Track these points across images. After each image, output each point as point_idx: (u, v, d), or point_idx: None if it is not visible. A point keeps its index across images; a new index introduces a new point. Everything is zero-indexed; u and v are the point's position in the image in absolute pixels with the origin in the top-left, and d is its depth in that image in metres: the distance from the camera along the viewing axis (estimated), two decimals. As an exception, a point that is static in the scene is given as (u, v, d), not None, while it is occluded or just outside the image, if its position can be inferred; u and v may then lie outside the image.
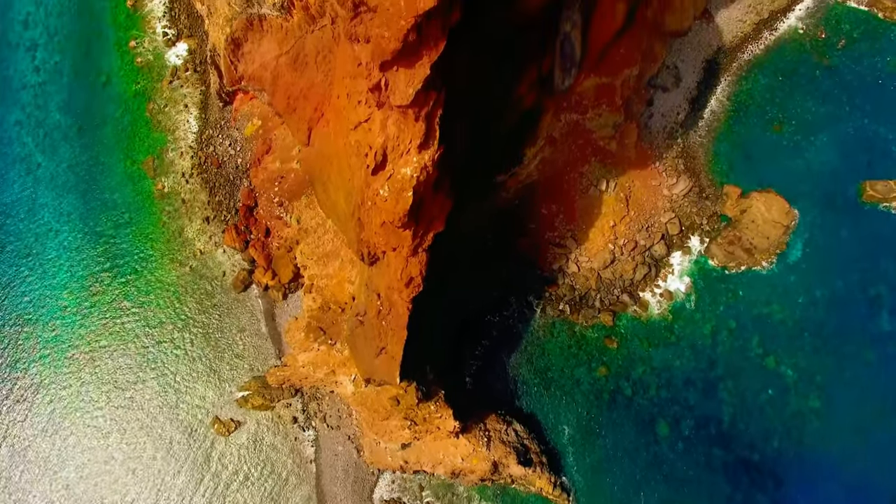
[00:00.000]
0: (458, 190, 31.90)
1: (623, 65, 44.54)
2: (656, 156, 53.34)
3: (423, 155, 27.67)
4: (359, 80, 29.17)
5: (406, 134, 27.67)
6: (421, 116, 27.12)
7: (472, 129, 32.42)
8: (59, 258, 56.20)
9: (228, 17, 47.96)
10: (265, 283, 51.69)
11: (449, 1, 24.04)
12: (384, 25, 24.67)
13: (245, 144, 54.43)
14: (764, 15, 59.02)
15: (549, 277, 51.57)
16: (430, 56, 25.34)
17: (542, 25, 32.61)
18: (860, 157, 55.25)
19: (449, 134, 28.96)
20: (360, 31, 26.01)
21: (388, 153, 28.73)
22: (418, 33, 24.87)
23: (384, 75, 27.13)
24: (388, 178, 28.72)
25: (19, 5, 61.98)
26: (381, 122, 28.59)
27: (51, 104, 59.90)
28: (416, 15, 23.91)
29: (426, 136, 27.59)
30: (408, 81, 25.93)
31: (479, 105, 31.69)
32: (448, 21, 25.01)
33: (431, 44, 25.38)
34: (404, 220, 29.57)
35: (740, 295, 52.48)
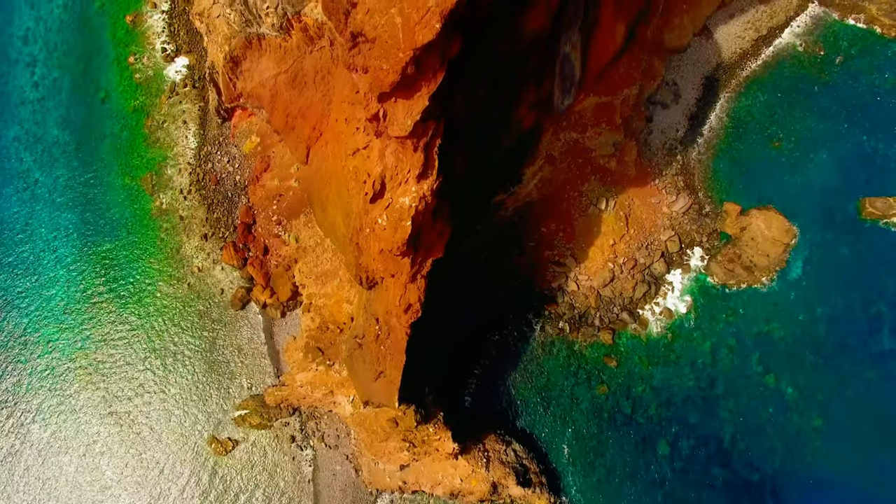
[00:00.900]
0: (457, 215, 31.74)
1: (623, 84, 44.52)
2: (656, 173, 53.27)
3: (422, 185, 27.54)
4: (357, 107, 29.07)
5: (405, 164, 27.54)
6: (420, 147, 27.00)
7: (472, 153, 32.31)
8: (56, 275, 55.96)
9: (227, 35, 47.96)
10: (263, 300, 51.45)
11: (448, 33, 23.93)
12: (382, 57, 24.58)
13: (243, 161, 54.32)
14: (762, 31, 59.09)
15: (548, 296, 51.37)
16: (428, 87, 25.24)
17: (541, 49, 32.54)
18: (859, 173, 55.23)
19: (448, 161, 28.84)
20: (358, 61, 25.92)
21: (386, 182, 28.60)
22: (417, 66, 24.78)
23: (382, 106, 27.03)
24: (387, 208, 28.57)
25: (19, 21, 61.99)
26: (380, 151, 28.47)
27: (49, 120, 59.80)
28: (415, 48, 23.82)
29: (425, 167, 27.47)
30: (406, 113, 25.82)
31: (478, 130, 31.60)
32: (447, 52, 24.92)
33: (430, 75, 25.29)
34: (403, 248, 29.40)
35: (740, 313, 52.29)
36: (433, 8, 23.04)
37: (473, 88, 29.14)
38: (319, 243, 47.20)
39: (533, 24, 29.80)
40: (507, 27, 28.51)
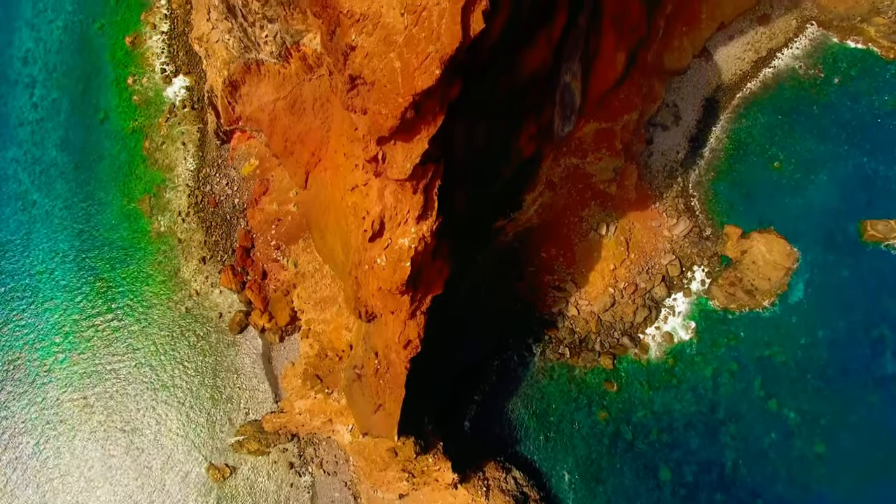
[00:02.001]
0: (457, 251, 31.46)
1: (623, 110, 44.39)
2: (656, 196, 53.07)
3: (422, 226, 27.28)
4: (356, 143, 28.86)
5: (404, 204, 27.30)
6: (419, 189, 26.78)
7: (472, 188, 32.08)
8: (54, 298, 55.60)
9: (226, 60, 47.85)
10: (262, 325, 51.09)
11: (448, 77, 23.74)
12: (381, 102, 24.37)
13: (242, 184, 54.11)
14: (762, 53, 59.11)
15: (548, 321, 51.05)
16: (428, 130, 25.03)
17: (542, 83, 32.38)
18: (860, 195, 55.06)
19: (448, 199, 28.60)
20: (356, 102, 25.71)
21: (385, 222, 28.34)
22: (416, 110, 24.57)
23: (381, 149, 26.82)
24: (386, 248, 28.30)
25: (19, 42, 61.96)
26: (379, 191, 28.24)
27: (48, 141, 59.64)
28: (415, 93, 23.61)
29: (424, 208, 27.23)
30: (405, 156, 25.60)
31: (478, 166, 31.38)
32: (447, 96, 24.72)
33: (430, 118, 25.07)
34: (402, 288, 29.11)
35: (741, 336, 51.96)
36: (433, 54, 22.86)
37: (473, 126, 28.96)
38: (318, 269, 46.89)
39: (534, 60, 29.68)
40: (507, 65, 28.35)
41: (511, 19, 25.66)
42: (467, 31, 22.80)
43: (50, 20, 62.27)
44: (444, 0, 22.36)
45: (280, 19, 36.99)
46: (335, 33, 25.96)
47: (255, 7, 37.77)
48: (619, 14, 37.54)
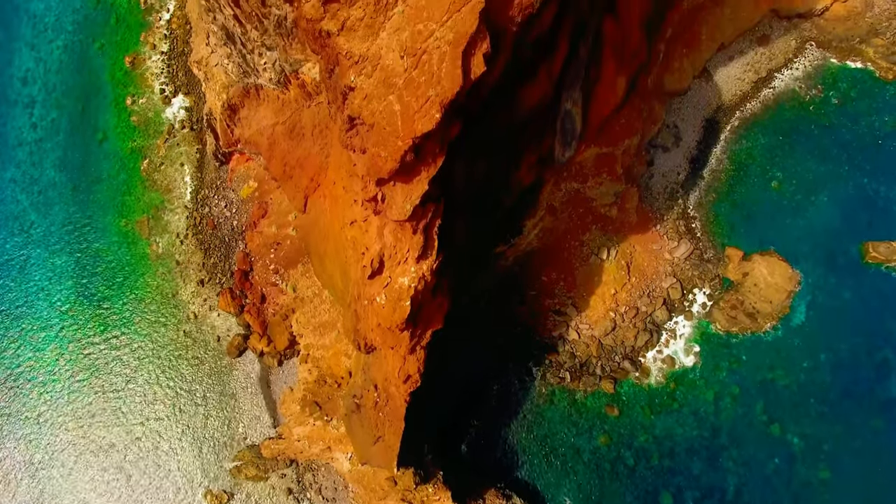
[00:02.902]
0: (457, 284, 31.14)
1: (624, 135, 44.24)
2: (657, 218, 52.83)
3: (422, 265, 26.99)
4: (354, 179, 28.60)
5: (404, 244, 27.01)
6: (419, 229, 26.49)
7: (472, 220, 31.81)
8: (50, 320, 55.20)
9: (225, 84, 47.71)
10: (260, 349, 50.67)
11: (448, 119, 23.49)
12: (381, 144, 24.12)
13: (241, 206, 53.83)
14: (762, 73, 59.05)
15: (548, 345, 50.67)
16: (428, 172, 24.78)
17: (543, 115, 32.19)
18: (861, 216, 54.85)
19: (448, 233, 28.32)
20: (355, 142, 25.48)
21: (385, 260, 28.04)
22: (416, 153, 24.33)
23: (381, 189, 26.57)
24: (386, 287, 27.99)
25: (19, 62, 61.89)
26: (378, 229, 27.96)
27: (46, 161, 59.42)
28: (414, 137, 23.37)
29: (425, 248, 26.94)
30: (405, 197, 25.34)
31: (479, 198, 31.12)
32: (447, 137, 24.48)
33: (430, 160, 24.83)
34: (402, 326, 28.78)
35: (743, 360, 51.58)
36: (433, 98, 22.64)
37: (473, 162, 28.73)
38: (317, 294, 46.55)
39: (535, 94, 29.50)
40: (507, 101, 28.16)
41: (512, 58, 25.48)
42: (468, 74, 22.60)
43: (50, 40, 62.24)
44: (444, 44, 22.16)
45: (279, 48, 36.87)
46: (334, 72, 25.78)
47: (253, 36, 37.66)
48: (619, 42, 37.44)
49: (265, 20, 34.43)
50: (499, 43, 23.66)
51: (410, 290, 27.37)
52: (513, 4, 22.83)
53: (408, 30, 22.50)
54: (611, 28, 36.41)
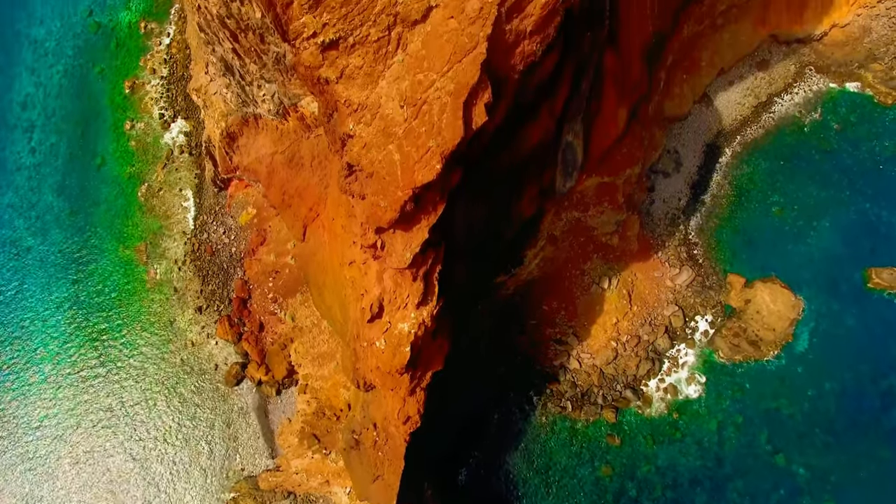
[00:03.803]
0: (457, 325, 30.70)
1: (625, 164, 44.03)
2: (659, 245, 52.49)
3: (422, 311, 26.59)
4: (353, 220, 28.26)
5: (403, 289, 26.63)
6: (419, 276, 26.13)
7: (473, 259, 31.45)
8: (46, 347, 54.64)
9: (224, 112, 47.55)
10: (258, 378, 50.10)
11: (448, 169, 23.19)
12: (380, 193, 23.80)
13: (239, 233, 53.47)
14: (762, 98, 59.01)
15: (549, 374, 50.13)
16: (428, 220, 24.45)
17: (544, 151, 31.96)
18: (863, 242, 54.52)
19: (448, 275, 27.93)
20: (354, 188, 25.17)
21: (384, 305, 27.64)
22: (416, 202, 24.01)
23: (380, 237, 26.23)
24: (385, 332, 27.57)
25: (19, 86, 61.88)
26: (378, 273, 27.59)
27: (44, 186, 59.17)
28: (414, 187, 23.06)
29: (425, 294, 26.56)
30: (405, 245, 24.98)
31: (480, 237, 30.78)
32: (447, 185, 24.18)
33: (430, 208, 24.51)
34: (401, 370, 28.33)
35: (747, 388, 51.01)
36: (433, 148, 22.36)
37: (474, 204, 28.42)
38: (316, 324, 46.07)
39: (536, 133, 29.25)
40: (509, 142, 27.90)
41: (514, 103, 25.25)
42: (469, 124, 22.32)
43: (50, 65, 62.27)
44: (444, 94, 21.91)
45: (278, 82, 36.71)
46: (332, 116, 25.53)
47: (252, 69, 37.52)
48: (620, 74, 37.33)
49: (264, 56, 34.30)
50: (500, 91, 23.43)
51: (410, 336, 26.95)
52: (514, 53, 22.63)
53: (408, 79, 22.27)
54: (612, 61, 36.30)
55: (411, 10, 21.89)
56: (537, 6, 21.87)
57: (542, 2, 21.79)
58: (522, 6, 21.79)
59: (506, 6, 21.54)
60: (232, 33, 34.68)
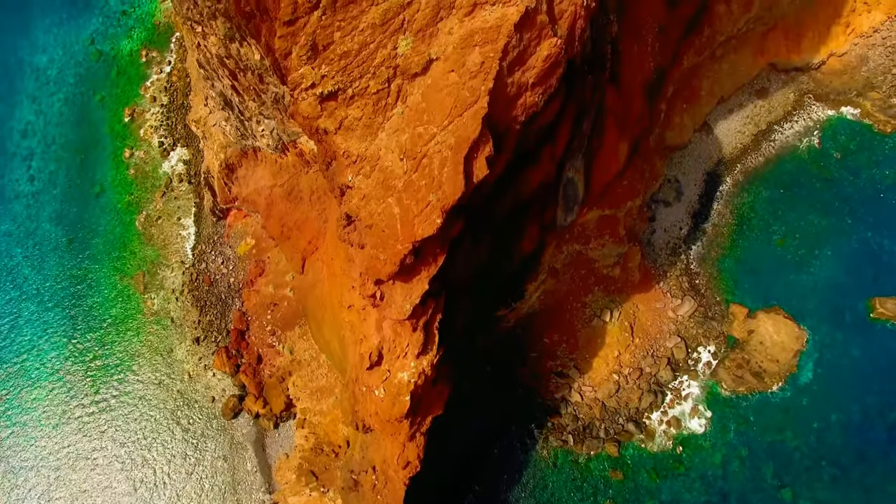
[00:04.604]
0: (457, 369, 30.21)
1: (626, 197, 43.80)
2: (660, 275, 52.11)
3: (422, 360, 26.14)
4: (353, 265, 27.91)
5: (403, 339, 26.21)
6: (419, 327, 25.73)
7: (473, 302, 31.05)
8: (40, 378, 53.94)
9: (223, 144, 47.43)
10: (256, 411, 49.38)
11: (449, 222, 22.87)
12: (379, 247, 23.47)
13: (238, 263, 53.08)
14: (762, 126, 59.05)
15: (551, 406, 49.45)
16: (428, 271, 24.10)
17: (545, 192, 31.72)
18: (866, 271, 54.17)
19: (448, 320, 27.50)
20: (353, 238, 24.85)
21: (384, 353, 27.19)
22: (416, 255, 23.67)
23: (379, 288, 25.88)
24: (384, 381, 27.08)
25: (20, 114, 61.95)
26: (377, 321, 27.18)
27: (42, 215, 58.91)
28: (414, 241, 22.73)
29: (425, 344, 26.14)
30: (405, 297, 24.61)
31: (480, 280, 30.40)
32: (448, 235, 23.85)
33: (430, 260, 24.17)
34: (401, 419, 27.78)
35: (751, 420, 50.29)
36: (433, 202, 22.08)
37: (475, 249, 28.08)
38: (315, 357, 45.47)
39: (538, 177, 29.04)
40: (509, 188, 27.67)
41: (515, 151, 25.03)
42: (470, 178, 22.06)
43: (52, 93, 62.40)
44: (445, 148, 21.68)
45: (276, 119, 36.59)
46: (331, 164, 25.30)
47: (251, 105, 37.42)
48: (621, 110, 37.24)
49: (263, 94, 34.20)
50: (502, 142, 23.21)
51: (410, 386, 26.48)
52: (516, 105, 22.45)
53: (407, 132, 22.05)
54: (613, 97, 36.23)
55: (411, 62, 21.75)
56: (539, 59, 21.75)
57: (545, 55, 21.66)
58: (524, 59, 21.65)
59: (507, 60, 21.40)
60: (231, 72, 34.62)
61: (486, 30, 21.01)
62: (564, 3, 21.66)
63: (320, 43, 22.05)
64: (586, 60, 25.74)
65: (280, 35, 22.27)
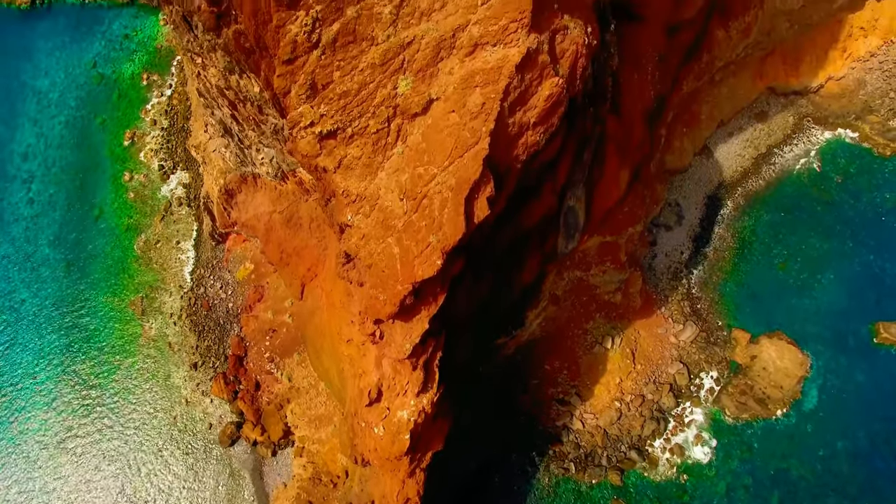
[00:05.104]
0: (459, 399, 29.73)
1: (627, 223, 43.62)
2: (662, 300, 51.76)
3: (422, 398, 25.73)
4: (352, 299, 27.59)
5: (403, 376, 25.82)
6: (419, 365, 25.35)
7: (473, 336, 30.67)
8: (34, 405, 53.28)
9: (223, 170, 47.34)
10: (253, 438, 48.68)
11: (450, 262, 22.60)
12: (379, 287, 23.19)
13: (237, 288, 52.72)
14: (762, 149, 59.14)
15: (552, 434, 48.77)
16: (429, 310, 23.79)
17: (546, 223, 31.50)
18: (869, 295, 53.86)
19: (449, 358, 27.10)
20: (352, 276, 24.57)
21: (383, 391, 26.77)
22: (416, 296, 23.38)
23: (379, 328, 25.55)
24: (384, 419, 26.63)
25: (21, 137, 61.97)
26: (377, 358, 26.80)
27: (41, 238, 58.62)
28: (414, 282, 22.45)
29: (425, 382, 25.74)
30: (405, 336, 24.27)
31: (481, 313, 30.05)
32: (448, 274, 23.57)
33: (431, 299, 23.87)
34: (400, 457, 27.27)
35: (755, 448, 49.60)
36: (434, 243, 21.83)
37: (475, 285, 27.79)
38: (313, 385, 44.93)
39: (539, 210, 28.82)
40: (511, 222, 27.44)
41: (516, 188, 24.85)
42: (471, 219, 21.82)
43: (53, 116, 62.51)
44: (445, 189, 21.48)
45: (276, 149, 36.50)
46: (330, 202, 25.11)
47: (250, 134, 37.35)
48: (622, 138, 37.17)
49: (262, 125, 34.13)
50: (503, 181, 23.03)
51: (410, 424, 26.02)
52: (517, 144, 22.31)
53: (407, 172, 21.88)
54: (614, 126, 36.18)
55: (411, 102, 21.63)
56: (541, 99, 21.65)
57: (546, 94, 21.56)
58: (526, 99, 21.56)
59: (509, 100, 21.29)
60: (231, 102, 34.60)
61: (488, 70, 20.93)
62: (566, 42, 21.63)
63: (319, 82, 21.97)
64: (588, 96, 25.67)
65: (279, 74, 22.20)
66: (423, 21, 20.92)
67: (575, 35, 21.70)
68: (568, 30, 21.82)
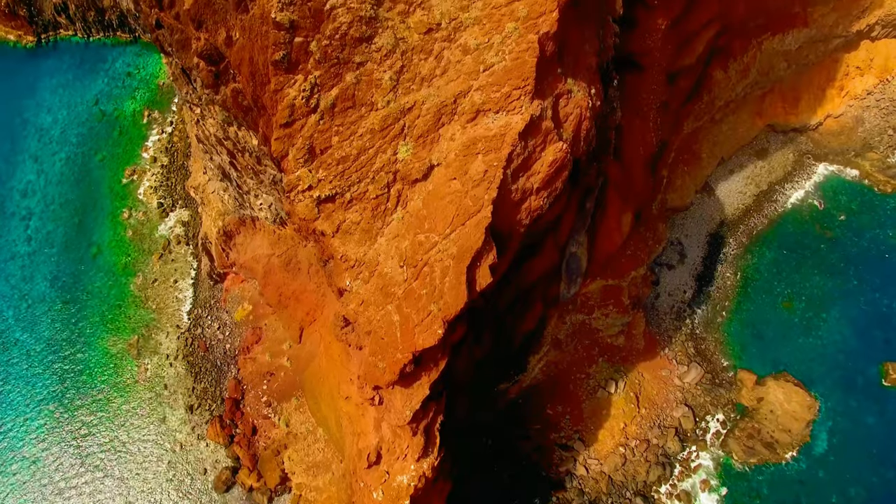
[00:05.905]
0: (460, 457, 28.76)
1: (630, 267, 43.08)
2: (665, 341, 50.90)
3: (422, 463, 24.84)
4: (350, 359, 26.88)
5: (403, 441, 25.00)
6: (419, 430, 24.56)
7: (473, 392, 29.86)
8: (25, 448, 51.93)
9: (221, 211, 46.99)
10: (249, 484, 47.35)
11: (451, 330, 21.99)
12: (378, 354, 22.55)
13: (234, 329, 51.93)
14: (763, 187, 58.97)
15: (555, 481, 47.38)
16: (429, 376, 23.11)
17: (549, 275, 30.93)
18: (876, 334, 52.95)
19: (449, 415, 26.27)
20: (351, 339, 23.95)
21: (382, 453, 25.90)
22: (416, 363, 22.73)
23: (378, 393, 24.85)
24: (383, 483, 25.70)
25: (21, 174, 61.90)
26: (376, 420, 26.02)
27: (38, 276, 58.04)
28: (415, 351, 21.82)
29: (425, 447, 24.90)
30: (405, 402, 23.56)
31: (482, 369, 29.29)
32: (449, 341, 22.94)
33: (431, 366, 23.21)
34: (399, 524, 26.29)
35: (765, 494, 48.19)
36: (435, 313, 21.27)
37: (476, 344, 27.12)
38: (311, 431, 43.83)
39: (541, 265, 28.30)
40: (512, 280, 26.89)
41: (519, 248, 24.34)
42: (473, 287, 21.29)
43: (54, 152, 62.54)
44: (447, 257, 20.98)
45: (275, 198, 36.17)
46: (328, 263, 24.61)
47: (249, 182, 37.06)
48: (624, 184, 36.89)
49: (261, 174, 33.85)
50: (505, 246, 22.55)
51: (410, 489, 25.09)
52: (520, 210, 21.91)
53: (408, 238, 21.40)
54: (615, 172, 35.92)
55: (412, 168, 21.28)
56: (545, 164, 21.31)
57: (550, 160, 21.23)
58: (529, 165, 21.21)
59: (511, 167, 20.94)
60: (229, 151, 34.38)
61: (490, 138, 20.61)
62: (570, 105, 21.36)
63: (318, 146, 21.65)
64: (591, 153, 25.35)
65: (276, 137, 21.89)
66: (423, 87, 20.69)
67: (578, 98, 21.46)
68: (571, 94, 21.59)
